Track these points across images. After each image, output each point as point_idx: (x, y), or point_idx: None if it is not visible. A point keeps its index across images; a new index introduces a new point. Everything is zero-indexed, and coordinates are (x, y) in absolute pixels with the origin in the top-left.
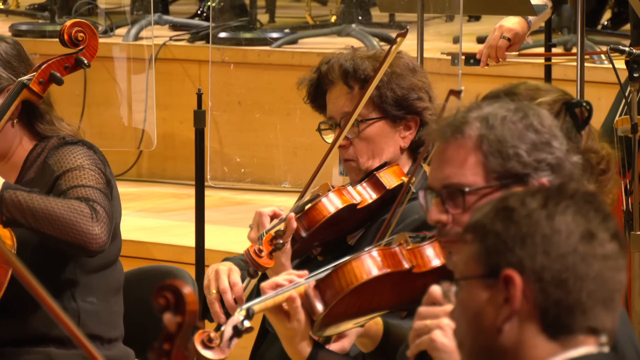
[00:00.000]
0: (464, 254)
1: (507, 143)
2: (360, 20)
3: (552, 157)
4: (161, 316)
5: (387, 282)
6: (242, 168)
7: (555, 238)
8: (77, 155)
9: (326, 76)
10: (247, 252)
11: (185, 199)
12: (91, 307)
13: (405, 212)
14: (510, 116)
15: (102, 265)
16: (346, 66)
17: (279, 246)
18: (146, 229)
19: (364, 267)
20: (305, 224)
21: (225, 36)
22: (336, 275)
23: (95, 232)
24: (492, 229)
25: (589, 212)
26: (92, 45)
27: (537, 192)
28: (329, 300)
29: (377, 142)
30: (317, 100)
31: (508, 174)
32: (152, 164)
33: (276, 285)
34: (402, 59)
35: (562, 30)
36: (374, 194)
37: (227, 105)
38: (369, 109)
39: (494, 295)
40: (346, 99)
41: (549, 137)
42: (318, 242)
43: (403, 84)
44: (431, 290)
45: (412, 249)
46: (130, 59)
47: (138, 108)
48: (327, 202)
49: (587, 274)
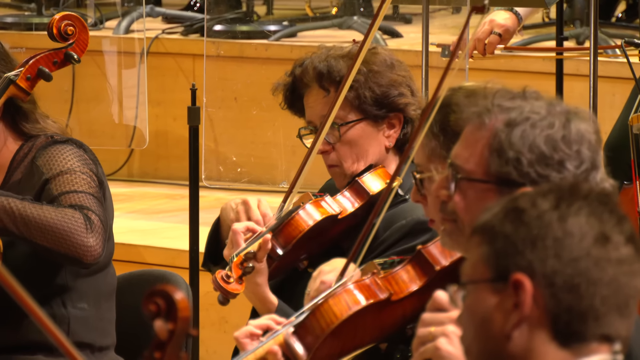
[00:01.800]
0: (472, 257)
1: (513, 146)
2: (362, 12)
3: (559, 177)
4: (152, 323)
5: (367, 315)
6: (239, 167)
7: (567, 241)
8: (66, 156)
9: (301, 80)
10: (214, 280)
11: (178, 200)
12: (82, 314)
13: (391, 217)
14: (536, 120)
15: (93, 270)
16: (320, 68)
17: (248, 270)
18: (138, 231)
19: (342, 303)
20: (281, 241)
21: (220, 29)
22: (314, 317)
23: (90, 243)
24: (501, 231)
25: (603, 213)
26: (82, 39)
27: (548, 193)
28: (311, 345)
29: (361, 145)
30: (295, 105)
31: (502, 178)
32: (144, 163)
33: (250, 334)
34: (378, 55)
35: (574, 22)
36: (356, 202)
37: (222, 101)
38: (348, 111)
39: (502, 300)
40: (324, 103)
41: (566, 156)
42: (303, 256)
43: (381, 82)
44: (436, 295)
45: (385, 276)
46: (120, 53)
47: (129, 104)
48: (304, 215)
49: (600, 278)
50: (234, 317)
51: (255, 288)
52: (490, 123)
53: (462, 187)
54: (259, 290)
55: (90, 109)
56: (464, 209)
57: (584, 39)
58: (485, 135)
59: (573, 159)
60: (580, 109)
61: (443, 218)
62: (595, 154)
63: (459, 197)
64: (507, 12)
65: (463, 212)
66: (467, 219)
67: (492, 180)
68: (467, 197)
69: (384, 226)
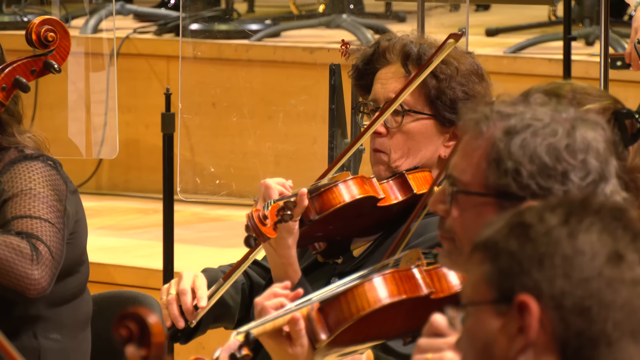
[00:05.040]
0: (472, 276)
1: (512, 156)
2: (351, 9)
3: (562, 190)
4: (123, 349)
5: (401, 309)
6: (217, 179)
7: (577, 259)
8: (33, 174)
9: (383, 54)
10: (249, 216)
11: (151, 214)
12: (55, 345)
13: (425, 226)
14: (538, 127)
15: (68, 297)
16: (410, 48)
17: (286, 218)
18: (107, 249)
19: (378, 292)
20: (317, 206)
21: (197, 28)
22: (345, 299)
23: (34, 276)
24: (506, 248)
25: (617, 230)
26: (63, 46)
27: (557, 207)
28: (335, 327)
29: (417, 141)
30: (363, 79)
31: (501, 191)
32: (114, 174)
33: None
34: (472, 60)
35: (584, 21)
36: (400, 195)
37: (199, 107)
38: (421, 103)
39: (506, 323)
40: (398, 83)
41: (570, 167)
42: (324, 234)
43: (466, 87)
44: (433, 319)
45: (430, 270)
46: (88, 55)
47: (97, 111)
48: (346, 188)
49: (613, 301)
50: (211, 342)
51: (284, 250)
52: (488, 131)
53: (459, 201)
54: (287, 253)
55: (54, 116)
56: (461, 225)
57: (594, 39)
58: (482, 145)
59: (578, 170)
60: (590, 114)
61: (441, 236)
62: (604, 164)
63: (456, 212)
64: None
65: (460, 228)
66: (465, 236)
67: (490, 194)
68: (465, 212)
69: (417, 233)
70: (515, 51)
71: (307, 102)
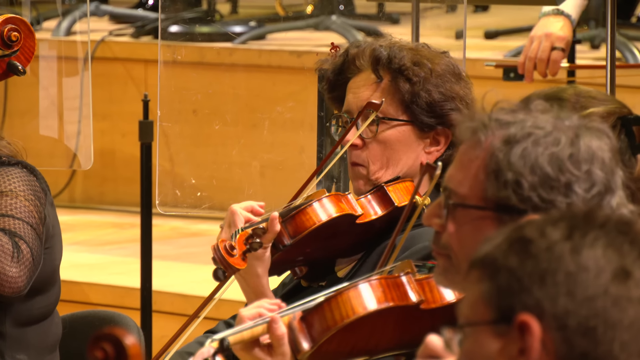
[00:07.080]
0: (470, 295)
1: (512, 167)
2: (341, 10)
3: (566, 202)
4: None
5: (389, 318)
6: (198, 191)
7: (581, 277)
8: (12, 178)
9: (353, 61)
10: (215, 248)
11: (128, 229)
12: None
13: (413, 238)
14: (540, 136)
15: (35, 318)
16: (379, 52)
17: (255, 246)
18: (81, 266)
19: (363, 298)
20: (290, 230)
21: (177, 30)
22: (328, 306)
23: (12, 273)
24: (505, 265)
25: (623, 245)
26: (28, 46)
27: (559, 221)
28: (318, 337)
29: (396, 150)
30: (336, 90)
31: (500, 204)
32: (88, 186)
33: (258, 315)
34: (447, 59)
35: (589, 23)
36: (379, 210)
37: (179, 114)
38: (394, 108)
39: (506, 345)
40: (371, 91)
41: (574, 178)
42: (303, 257)
43: (442, 88)
44: (428, 340)
45: (421, 279)
46: (61, 58)
47: (70, 118)
48: (320, 207)
49: (620, 320)
50: None
51: (253, 279)
52: (487, 140)
53: (455, 215)
54: (258, 282)
55: (24, 124)
56: (458, 240)
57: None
58: (480, 155)
59: (582, 181)
60: (594, 122)
61: (436, 252)
62: (610, 174)
63: (452, 227)
64: (558, 17)
65: (457, 244)
66: (462, 252)
67: (489, 207)
68: (462, 227)
69: (404, 246)
70: (516, 55)
71: (295, 109)
